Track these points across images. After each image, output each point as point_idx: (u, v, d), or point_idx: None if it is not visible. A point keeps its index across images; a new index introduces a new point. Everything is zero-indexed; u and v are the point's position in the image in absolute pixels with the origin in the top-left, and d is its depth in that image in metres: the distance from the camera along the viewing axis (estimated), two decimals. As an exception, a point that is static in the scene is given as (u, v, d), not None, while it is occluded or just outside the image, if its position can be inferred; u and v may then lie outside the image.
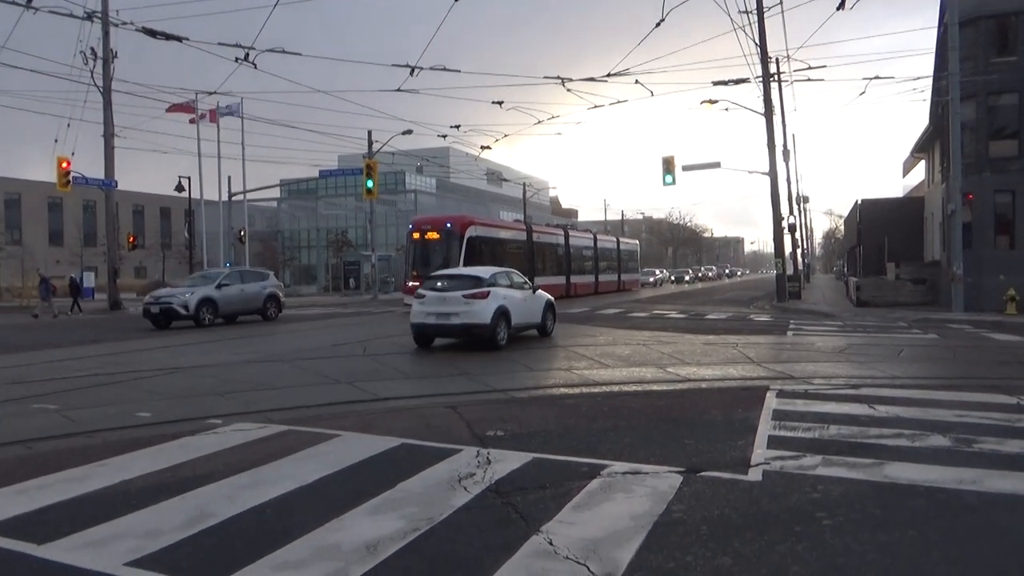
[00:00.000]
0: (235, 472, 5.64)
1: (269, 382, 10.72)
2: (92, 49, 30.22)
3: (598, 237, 45.63)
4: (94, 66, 30.36)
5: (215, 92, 33.51)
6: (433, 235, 28.41)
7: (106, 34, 30.41)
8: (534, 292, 16.32)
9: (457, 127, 33.71)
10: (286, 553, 4.03)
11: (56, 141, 38.55)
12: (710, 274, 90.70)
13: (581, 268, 41.68)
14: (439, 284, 14.65)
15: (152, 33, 21.14)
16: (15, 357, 14.41)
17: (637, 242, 58.79)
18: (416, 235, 28.87)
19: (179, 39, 21.56)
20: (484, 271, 15.43)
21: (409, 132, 38.10)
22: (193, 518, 4.60)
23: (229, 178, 44.11)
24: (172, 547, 4.14)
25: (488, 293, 14.18)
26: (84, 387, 10.39)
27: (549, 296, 17.06)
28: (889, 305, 27.74)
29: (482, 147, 36.05)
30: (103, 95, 31.09)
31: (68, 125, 36.24)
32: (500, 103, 28.72)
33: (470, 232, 28.45)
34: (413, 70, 22.12)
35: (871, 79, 24.97)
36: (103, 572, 3.80)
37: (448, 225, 28.52)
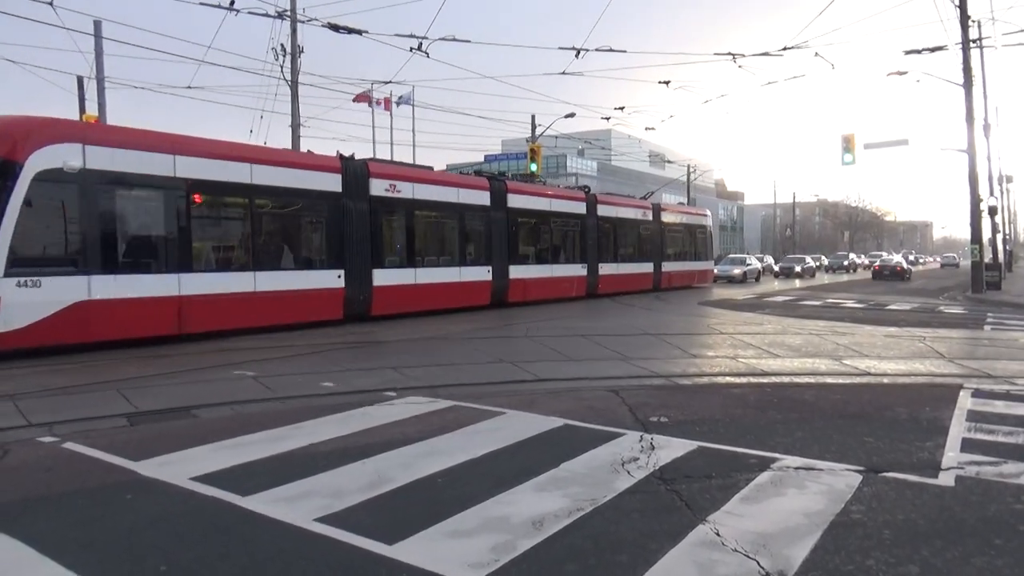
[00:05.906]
0: (410, 442, 5.97)
1: (438, 359, 11.25)
2: (282, 45, 32.73)
3: (601, 199, 26.89)
4: (284, 61, 32.88)
5: (390, 81, 35.22)
6: None
7: (294, 31, 32.75)
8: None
9: (621, 109, 32.80)
10: (457, 522, 4.23)
11: (251, 132, 42.35)
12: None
13: (551, 253, 24.09)
14: None
15: (336, 28, 22.54)
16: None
17: (707, 213, 37.05)
18: None
19: (359, 32, 22.81)
20: None
21: (572, 115, 38.06)
22: (373, 482, 4.93)
23: (401, 163, 46.43)
24: (355, 507, 4.47)
25: None
26: (275, 358, 11.39)
27: None
28: (1112, 299, 24.36)
29: (646, 128, 35.29)
30: (291, 88, 33.60)
31: (261, 117, 39.84)
32: (667, 83, 28.07)
33: (44, 154, 11.21)
34: (579, 52, 22.07)
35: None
36: (296, 526, 4.17)
37: None
